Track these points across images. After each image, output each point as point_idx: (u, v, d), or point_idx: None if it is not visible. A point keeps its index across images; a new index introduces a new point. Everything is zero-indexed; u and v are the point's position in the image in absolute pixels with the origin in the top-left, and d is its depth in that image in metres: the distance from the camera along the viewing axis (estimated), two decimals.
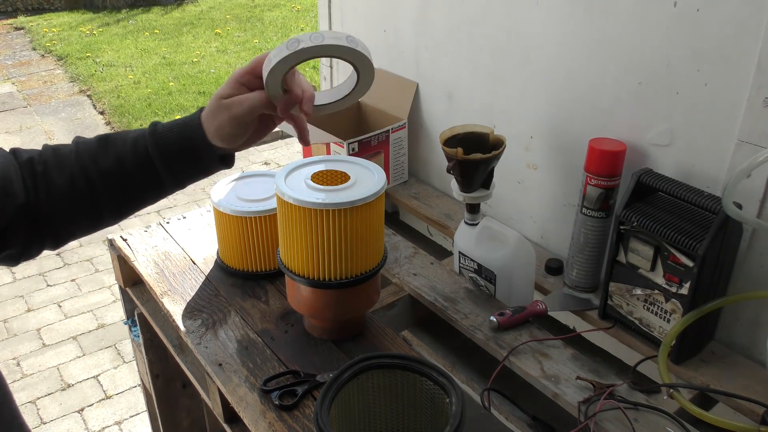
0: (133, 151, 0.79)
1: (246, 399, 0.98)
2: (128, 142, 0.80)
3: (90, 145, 0.80)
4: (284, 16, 7.17)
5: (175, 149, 0.79)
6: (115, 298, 2.92)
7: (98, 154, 0.79)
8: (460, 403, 0.80)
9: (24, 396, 2.40)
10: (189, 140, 0.79)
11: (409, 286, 1.23)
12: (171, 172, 0.80)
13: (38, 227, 0.78)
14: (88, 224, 0.82)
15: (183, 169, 0.81)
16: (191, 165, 0.81)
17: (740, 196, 0.95)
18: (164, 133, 0.80)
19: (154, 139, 0.79)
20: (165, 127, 0.81)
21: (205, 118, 0.80)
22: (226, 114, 0.78)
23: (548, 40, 1.20)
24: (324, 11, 1.75)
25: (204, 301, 1.20)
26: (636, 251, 1.03)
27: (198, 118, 0.80)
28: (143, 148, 0.79)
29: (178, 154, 0.79)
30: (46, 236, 0.80)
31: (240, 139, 0.81)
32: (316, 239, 0.98)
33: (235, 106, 0.78)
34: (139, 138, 0.80)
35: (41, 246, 0.81)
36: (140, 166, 0.79)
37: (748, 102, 0.93)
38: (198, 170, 0.82)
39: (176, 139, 0.79)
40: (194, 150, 0.80)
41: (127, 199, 0.81)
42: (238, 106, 0.78)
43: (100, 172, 0.78)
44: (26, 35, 6.69)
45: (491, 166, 1.14)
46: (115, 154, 0.79)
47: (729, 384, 0.98)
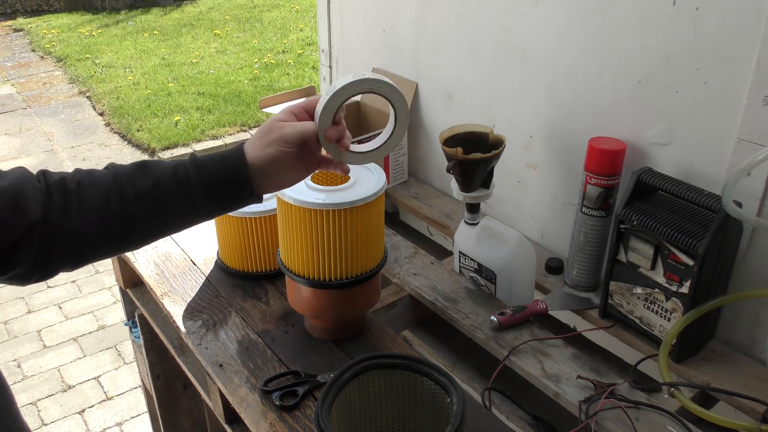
0: (173, 177, 0.80)
1: (247, 399, 0.98)
2: (168, 167, 0.81)
3: (128, 168, 0.81)
4: (283, 17, 7.17)
5: (216, 177, 0.81)
6: (115, 299, 2.92)
7: (136, 177, 0.80)
8: (460, 402, 0.80)
9: (25, 397, 2.40)
10: (232, 170, 0.81)
11: (410, 286, 1.23)
12: (209, 199, 0.81)
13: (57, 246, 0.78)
14: (114, 246, 0.82)
15: (220, 198, 0.82)
16: (229, 195, 0.82)
17: (740, 194, 0.95)
18: (206, 161, 0.82)
19: (196, 166, 0.81)
20: (206, 156, 0.83)
21: (249, 145, 0.82)
22: (277, 133, 0.81)
23: (548, 40, 1.20)
24: (323, 12, 1.75)
25: (204, 302, 1.20)
26: (636, 250, 1.03)
27: (241, 150, 0.82)
28: (184, 174, 0.80)
29: (218, 182, 0.81)
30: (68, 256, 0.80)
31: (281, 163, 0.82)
32: (316, 239, 0.98)
33: (287, 126, 0.82)
34: (179, 165, 0.81)
35: (60, 266, 0.81)
36: (179, 192, 0.80)
37: (748, 100, 0.93)
38: (233, 201, 0.84)
39: (218, 167, 0.81)
40: (235, 180, 0.81)
41: (158, 223, 0.82)
42: (290, 127, 0.81)
43: (137, 194, 0.79)
44: (25, 37, 6.69)
45: (491, 165, 1.14)
46: (154, 177, 0.80)
47: (730, 382, 0.98)
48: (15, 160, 4.17)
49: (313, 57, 5.82)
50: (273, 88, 5.12)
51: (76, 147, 4.36)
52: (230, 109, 4.76)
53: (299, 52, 5.96)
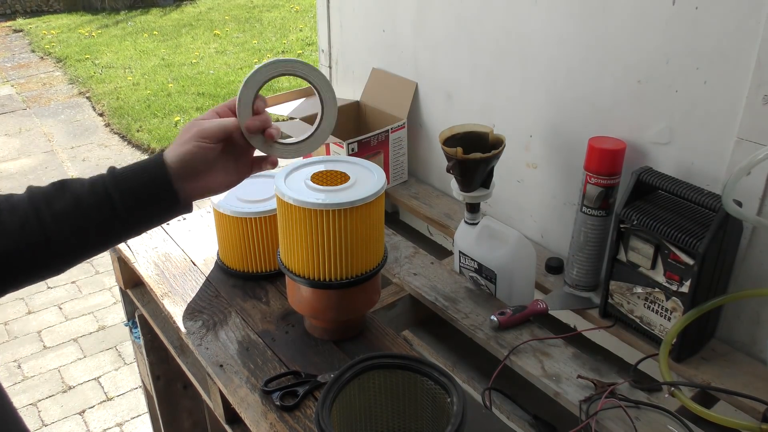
0: (91, 191, 0.77)
1: (247, 400, 0.98)
2: (86, 183, 0.78)
3: (44, 189, 0.78)
4: (283, 17, 7.17)
5: (135, 187, 0.77)
6: (115, 300, 2.92)
7: (53, 196, 0.76)
8: (461, 402, 0.80)
9: (25, 398, 2.40)
10: (152, 178, 0.78)
11: (410, 285, 1.23)
12: (130, 213, 0.78)
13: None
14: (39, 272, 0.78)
15: (143, 210, 0.79)
16: (153, 205, 0.79)
17: (740, 193, 0.95)
18: (124, 172, 0.78)
19: (114, 178, 0.77)
20: (125, 168, 0.80)
21: (169, 148, 0.80)
22: (196, 129, 0.79)
23: (547, 39, 1.20)
24: (323, 11, 1.75)
25: (204, 303, 1.20)
26: (636, 249, 1.03)
27: (160, 156, 0.79)
28: (102, 188, 0.77)
29: (138, 193, 0.78)
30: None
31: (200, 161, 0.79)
32: (316, 239, 0.98)
33: (206, 122, 0.80)
34: (97, 179, 0.78)
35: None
36: (98, 207, 0.76)
37: (748, 100, 0.93)
38: (157, 212, 0.80)
39: (137, 178, 0.78)
40: (156, 189, 0.78)
41: (79, 242, 0.78)
42: (209, 123, 0.80)
43: (54, 213, 0.75)
44: (25, 37, 6.69)
45: (491, 165, 1.14)
46: (72, 195, 0.76)
47: (730, 382, 0.98)
48: (15, 160, 4.17)
49: (313, 57, 5.82)
50: (273, 89, 5.12)
51: (75, 147, 4.36)
52: None
53: (299, 53, 5.96)
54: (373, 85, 1.63)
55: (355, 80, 1.72)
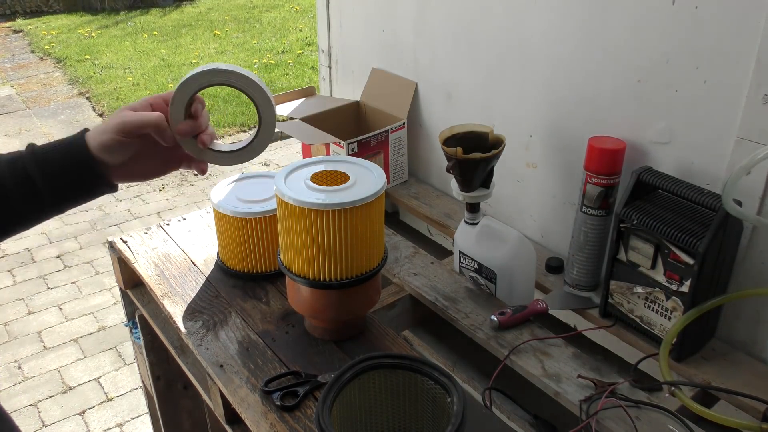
0: (10, 171, 0.75)
1: (247, 400, 0.98)
2: (3, 163, 0.76)
3: None
4: (283, 17, 7.17)
5: (56, 165, 0.76)
6: (115, 300, 2.92)
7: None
8: (461, 402, 0.80)
9: (25, 399, 2.40)
10: (74, 157, 0.76)
11: (410, 285, 1.23)
12: (53, 193, 0.76)
13: None
14: None
15: (66, 190, 0.77)
16: (74, 182, 0.78)
17: (740, 193, 0.95)
18: (45, 150, 0.77)
19: (34, 156, 0.76)
20: (46, 145, 0.78)
21: (92, 129, 0.79)
22: (117, 119, 0.78)
23: (547, 39, 1.20)
24: (322, 12, 1.75)
25: (205, 303, 1.20)
26: (636, 249, 1.03)
27: (82, 136, 0.78)
28: (21, 168, 0.75)
29: (59, 170, 0.76)
30: None
31: (119, 152, 0.78)
32: (317, 240, 0.98)
33: (129, 114, 0.78)
34: (16, 157, 0.77)
35: None
36: (18, 187, 0.75)
37: (748, 99, 0.93)
38: (81, 189, 0.79)
39: (58, 155, 0.76)
40: (77, 165, 0.77)
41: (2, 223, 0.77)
42: (131, 115, 0.78)
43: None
44: (25, 38, 6.69)
45: (491, 165, 1.14)
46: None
47: (730, 381, 0.98)
48: None
49: (313, 57, 5.82)
50: (272, 89, 5.12)
51: None
52: (230, 110, 4.76)
53: (299, 53, 5.96)
54: (372, 85, 1.63)
55: (355, 80, 1.72)
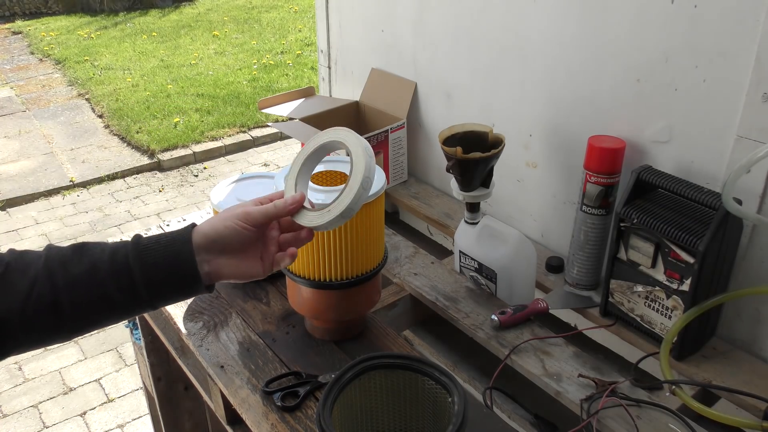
0: (111, 260, 0.72)
1: (248, 401, 0.98)
2: (107, 250, 0.73)
3: (62, 251, 0.73)
4: (282, 17, 7.17)
5: (158, 260, 0.73)
6: None
7: (70, 260, 0.72)
8: (462, 402, 0.80)
9: (26, 400, 2.40)
10: (177, 254, 0.73)
11: (410, 285, 1.23)
12: (149, 287, 0.73)
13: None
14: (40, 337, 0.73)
15: (163, 286, 0.74)
16: (173, 282, 0.74)
17: (740, 191, 0.95)
18: (149, 243, 0.74)
19: (137, 249, 0.73)
20: (151, 238, 0.75)
21: (203, 222, 0.76)
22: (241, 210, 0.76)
23: (546, 39, 1.20)
24: (322, 12, 1.75)
25: (205, 304, 1.20)
26: (636, 248, 1.03)
27: (189, 231, 0.75)
28: (123, 257, 0.72)
29: (160, 267, 0.73)
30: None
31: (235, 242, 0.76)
32: (317, 240, 0.98)
33: (251, 206, 0.77)
34: (120, 247, 0.73)
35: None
36: (115, 277, 0.72)
37: (747, 97, 0.93)
38: (178, 290, 0.75)
39: (162, 250, 0.73)
40: (180, 265, 0.73)
41: (93, 312, 0.73)
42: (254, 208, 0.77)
43: (68, 279, 0.71)
44: (24, 39, 6.69)
45: (491, 164, 1.14)
46: (90, 261, 0.72)
47: (731, 380, 0.98)
48: (15, 162, 4.17)
49: (312, 57, 5.82)
50: (272, 89, 5.12)
51: (75, 149, 4.36)
52: (229, 111, 4.76)
53: (298, 53, 5.96)
54: (372, 85, 1.63)
55: (355, 80, 1.72)
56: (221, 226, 0.75)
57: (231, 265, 0.77)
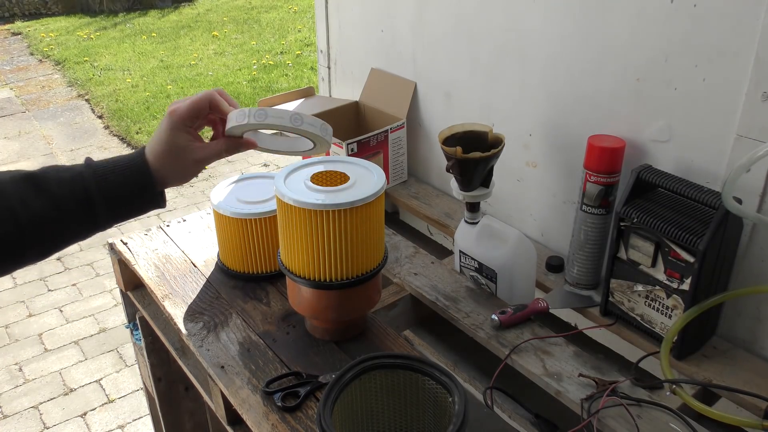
0: (71, 194, 0.76)
1: (249, 401, 0.98)
2: (64, 183, 0.76)
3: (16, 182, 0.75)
4: (281, 18, 7.17)
5: (120, 192, 0.78)
6: (116, 302, 2.92)
7: (28, 195, 0.74)
8: (462, 402, 0.80)
9: (26, 401, 2.40)
10: (136, 184, 0.79)
11: (410, 285, 1.23)
12: (111, 213, 0.79)
13: None
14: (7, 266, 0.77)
15: (123, 210, 0.80)
16: (133, 206, 0.81)
17: (740, 191, 0.95)
18: (106, 173, 0.78)
19: (95, 178, 0.77)
20: (106, 168, 0.79)
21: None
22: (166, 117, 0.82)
23: (546, 38, 1.20)
24: (321, 12, 1.75)
25: (205, 304, 1.20)
26: (636, 247, 1.03)
27: (141, 154, 0.80)
28: (82, 190, 0.76)
29: (122, 197, 0.78)
30: None
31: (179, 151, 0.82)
32: (317, 240, 0.98)
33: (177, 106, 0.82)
34: (76, 178, 0.77)
35: None
36: (79, 207, 0.76)
37: (747, 96, 0.93)
38: (136, 211, 0.82)
39: (123, 181, 0.78)
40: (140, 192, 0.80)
41: (55, 241, 0.78)
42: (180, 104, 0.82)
43: (31, 216, 0.74)
44: (24, 40, 6.69)
45: (490, 164, 1.14)
46: (50, 196, 0.75)
47: (731, 379, 0.98)
48: (14, 163, 4.17)
49: (312, 58, 5.82)
50: (272, 89, 5.12)
51: (75, 150, 4.36)
52: None
53: (297, 53, 5.96)
54: (372, 85, 1.63)
55: (354, 80, 1.72)
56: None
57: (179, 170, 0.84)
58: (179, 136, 0.82)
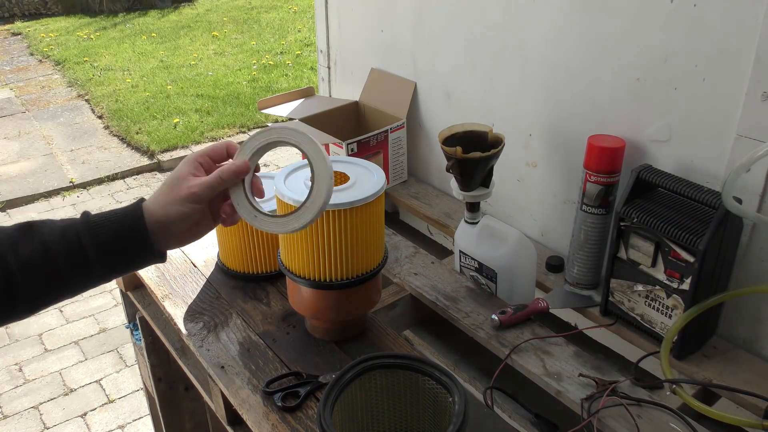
0: (62, 240, 0.73)
1: (249, 401, 0.98)
2: (56, 230, 0.75)
3: (8, 232, 0.74)
4: (281, 18, 7.17)
5: (111, 239, 0.75)
6: (116, 302, 2.92)
7: (19, 242, 0.73)
8: (462, 402, 0.80)
9: (26, 401, 2.40)
10: (129, 230, 0.75)
11: (410, 285, 1.23)
12: (103, 264, 0.75)
13: None
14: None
15: (117, 262, 0.76)
16: (127, 257, 0.77)
17: (740, 190, 0.95)
18: (99, 221, 0.76)
19: (88, 228, 0.75)
20: (101, 216, 0.77)
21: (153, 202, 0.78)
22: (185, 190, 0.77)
23: (546, 38, 1.20)
24: (321, 12, 1.75)
25: (205, 304, 1.20)
26: (637, 247, 1.03)
27: (139, 208, 0.77)
28: (74, 237, 0.74)
29: (114, 245, 0.75)
30: None
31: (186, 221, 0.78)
32: (317, 240, 0.98)
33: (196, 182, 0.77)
34: (70, 225, 0.75)
35: None
36: (69, 257, 0.73)
37: (747, 96, 0.93)
38: (131, 263, 0.78)
39: (114, 227, 0.75)
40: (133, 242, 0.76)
41: (47, 292, 0.75)
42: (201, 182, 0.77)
43: (22, 262, 0.72)
44: (23, 40, 6.69)
45: (490, 164, 1.14)
46: (41, 242, 0.73)
47: (731, 379, 0.98)
48: (14, 163, 4.17)
49: (312, 58, 5.82)
50: (272, 90, 5.12)
51: (75, 150, 4.36)
52: (229, 111, 4.76)
53: (297, 53, 5.96)
54: (371, 85, 1.63)
55: (354, 80, 1.72)
56: (174, 213, 0.76)
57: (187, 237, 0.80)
58: (183, 167, 0.79)
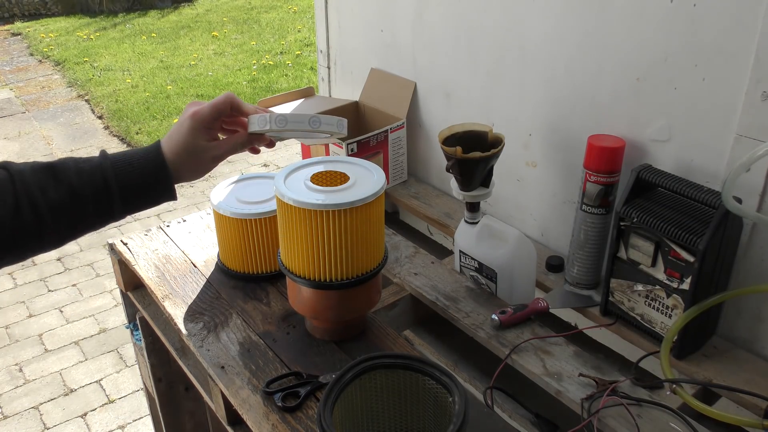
0: (90, 185, 0.79)
1: (249, 401, 0.98)
2: (84, 173, 0.79)
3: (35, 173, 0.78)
4: (281, 18, 7.17)
5: (138, 185, 0.81)
6: (116, 303, 2.92)
7: (47, 185, 0.77)
8: (463, 401, 0.80)
9: (27, 402, 2.40)
10: (153, 177, 0.82)
11: (410, 285, 1.23)
12: (126, 205, 0.82)
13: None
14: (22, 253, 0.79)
15: (138, 202, 0.83)
16: (147, 198, 0.84)
17: (740, 190, 0.95)
18: (124, 166, 0.81)
19: (114, 173, 0.80)
20: (123, 159, 0.82)
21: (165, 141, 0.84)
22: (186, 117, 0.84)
23: (546, 37, 1.20)
24: (321, 12, 1.75)
25: (205, 304, 1.20)
26: (636, 247, 1.03)
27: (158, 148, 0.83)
28: (102, 181, 0.79)
29: (139, 189, 0.82)
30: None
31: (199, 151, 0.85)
32: (317, 240, 0.98)
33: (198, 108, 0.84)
34: (95, 170, 0.80)
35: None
36: (96, 199, 0.79)
37: (747, 96, 0.93)
38: (150, 203, 0.85)
39: (140, 174, 0.81)
40: (155, 185, 0.83)
41: (73, 229, 0.81)
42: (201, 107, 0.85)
43: (51, 205, 0.77)
44: (23, 41, 6.69)
45: (490, 164, 1.14)
46: (69, 185, 0.78)
47: (731, 378, 0.98)
48: None
49: (311, 58, 5.82)
50: (271, 90, 5.12)
51: (75, 150, 4.36)
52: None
53: (297, 53, 5.96)
54: (371, 85, 1.63)
55: (354, 80, 1.72)
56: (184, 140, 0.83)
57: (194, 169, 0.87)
58: (200, 137, 0.85)
